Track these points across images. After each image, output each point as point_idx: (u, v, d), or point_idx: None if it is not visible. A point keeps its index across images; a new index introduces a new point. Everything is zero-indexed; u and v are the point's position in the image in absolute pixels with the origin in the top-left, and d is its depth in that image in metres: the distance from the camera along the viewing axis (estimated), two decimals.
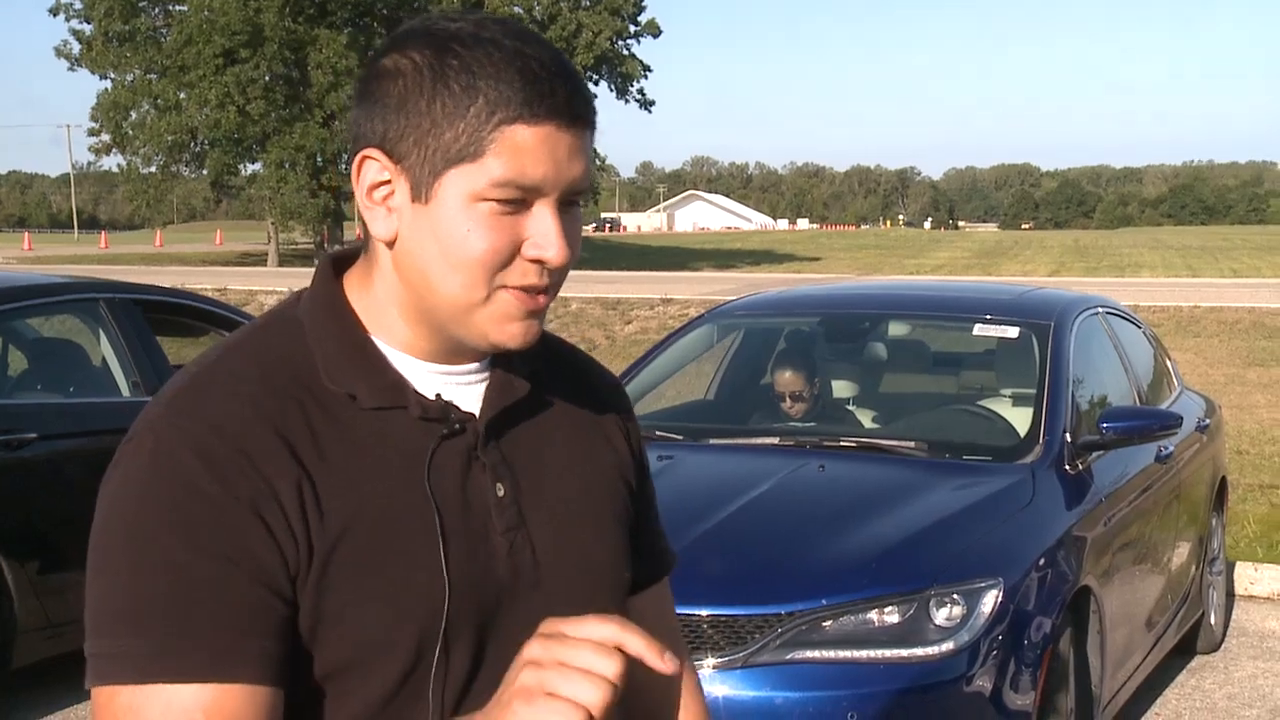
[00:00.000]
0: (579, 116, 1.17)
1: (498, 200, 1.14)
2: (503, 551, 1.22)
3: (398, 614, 1.15)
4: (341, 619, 1.14)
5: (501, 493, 1.23)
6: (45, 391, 5.99)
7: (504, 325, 1.19)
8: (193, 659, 1.07)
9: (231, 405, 1.15)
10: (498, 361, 1.28)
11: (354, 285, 1.25)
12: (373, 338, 1.23)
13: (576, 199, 1.20)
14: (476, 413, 1.25)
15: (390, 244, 1.20)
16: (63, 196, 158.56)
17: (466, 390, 1.25)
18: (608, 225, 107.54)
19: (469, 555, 1.20)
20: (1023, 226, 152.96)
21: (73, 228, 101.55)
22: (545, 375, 1.32)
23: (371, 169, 1.18)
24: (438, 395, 1.22)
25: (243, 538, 1.10)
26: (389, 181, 1.18)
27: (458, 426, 1.22)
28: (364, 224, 1.21)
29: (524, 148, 1.14)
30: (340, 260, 1.28)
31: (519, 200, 1.15)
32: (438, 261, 1.16)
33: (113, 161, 42.73)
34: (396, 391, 1.21)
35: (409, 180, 1.17)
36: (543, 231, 1.16)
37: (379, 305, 1.23)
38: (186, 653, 1.07)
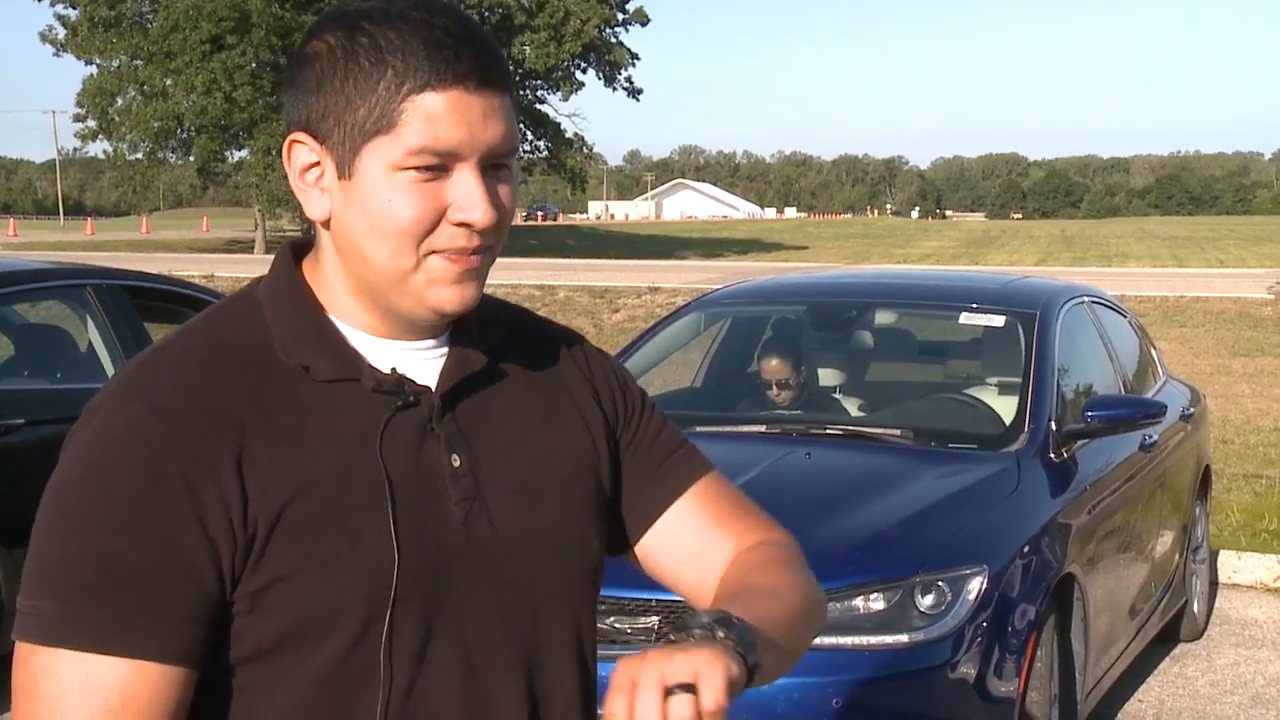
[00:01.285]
0: (489, 79, 1.20)
1: (416, 168, 1.18)
2: (457, 521, 1.24)
3: (346, 582, 1.18)
4: (289, 586, 1.16)
5: (457, 463, 1.25)
6: (32, 377, 5.98)
7: (438, 290, 1.21)
8: (99, 629, 1.11)
9: (177, 384, 1.19)
10: (457, 337, 1.30)
11: (309, 268, 1.29)
12: (330, 317, 1.26)
13: (503, 160, 1.22)
14: (434, 386, 1.27)
15: (326, 224, 1.24)
16: (48, 183, 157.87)
17: (426, 365, 1.28)
18: (539, 214, 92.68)
19: (420, 525, 1.22)
20: (1012, 216, 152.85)
21: (58, 214, 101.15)
22: (509, 349, 1.35)
23: (300, 152, 1.23)
24: (393, 369, 1.25)
25: (170, 518, 1.13)
26: (318, 163, 1.22)
27: (412, 399, 1.25)
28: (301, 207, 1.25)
29: (435, 114, 1.17)
30: (300, 246, 1.32)
31: (438, 166, 1.18)
32: (366, 234, 1.20)
33: (99, 148, 42.57)
34: (350, 364, 1.24)
35: (334, 159, 1.21)
36: (465, 194, 1.19)
37: (330, 286, 1.26)
38: (94, 622, 1.12)
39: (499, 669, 1.26)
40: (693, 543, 1.40)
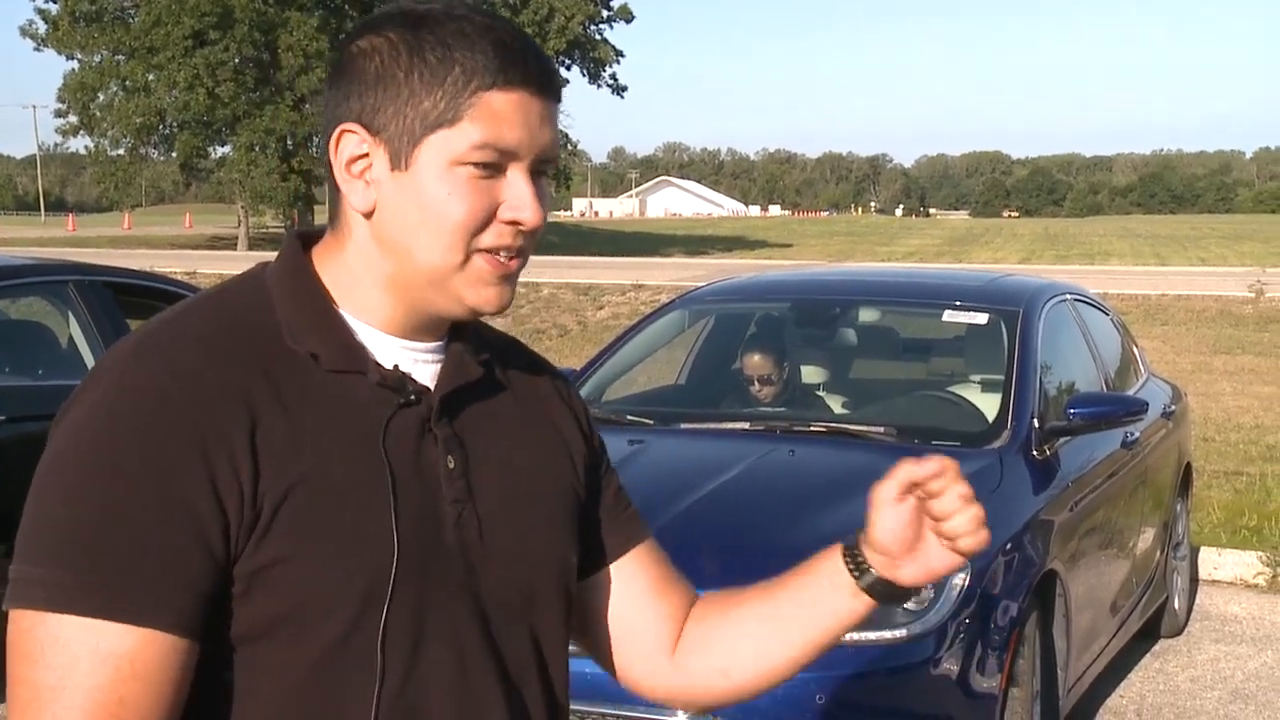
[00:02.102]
0: (548, 86, 1.24)
1: (475, 164, 1.20)
2: (450, 521, 1.25)
3: (345, 566, 1.18)
4: (288, 566, 1.16)
5: (452, 464, 1.26)
6: (13, 374, 5.95)
7: (480, 289, 1.24)
8: (111, 597, 1.10)
9: (195, 352, 1.18)
10: (454, 343, 1.32)
11: (321, 259, 1.29)
12: (337, 308, 1.26)
13: (546, 169, 1.25)
14: (432, 387, 1.28)
15: (368, 215, 1.24)
16: (29, 178, 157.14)
17: (423, 367, 1.29)
18: None
19: (419, 519, 1.23)
20: (1005, 214, 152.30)
21: (39, 210, 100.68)
22: (501, 366, 1.37)
23: (350, 142, 1.23)
24: (395, 366, 1.26)
25: (182, 485, 1.12)
26: (367, 155, 1.23)
27: (413, 397, 1.26)
28: (337, 199, 1.25)
29: (500, 112, 1.20)
30: (307, 237, 1.32)
31: (495, 165, 1.21)
32: (418, 227, 1.21)
33: (80, 143, 42.63)
34: (357, 357, 1.25)
35: (387, 150, 1.21)
36: (518, 194, 1.22)
37: (351, 277, 1.26)
38: (105, 589, 1.10)
39: (487, 670, 1.26)
40: (628, 597, 1.46)
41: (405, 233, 1.22)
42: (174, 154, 41.32)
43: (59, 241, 39.00)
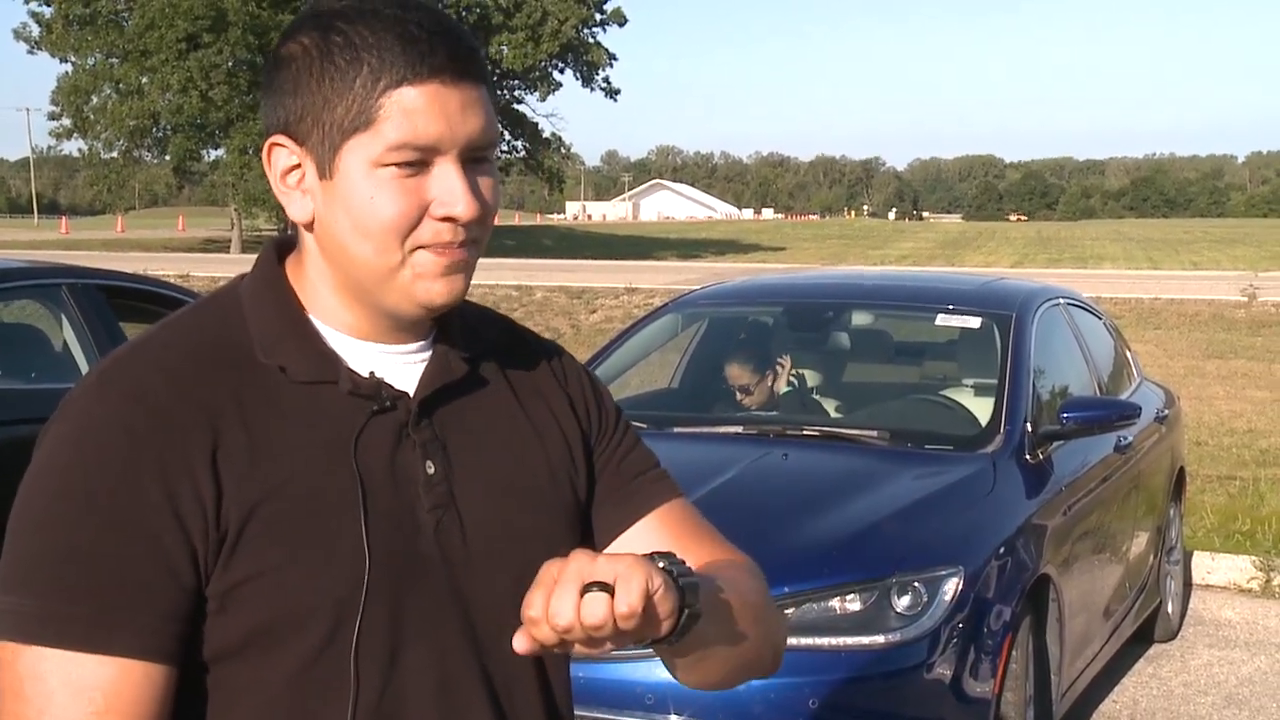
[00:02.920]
0: (465, 72, 1.19)
1: (397, 164, 1.17)
2: (429, 528, 1.24)
3: (316, 583, 1.17)
4: (259, 582, 1.16)
5: (431, 470, 1.25)
6: (6, 377, 5.94)
7: (426, 284, 1.21)
8: (79, 627, 1.10)
9: (156, 377, 1.18)
10: (440, 342, 1.30)
11: (292, 269, 1.28)
12: (311, 317, 1.25)
13: (483, 153, 1.22)
14: (412, 392, 1.26)
15: (309, 226, 1.23)
16: (22, 181, 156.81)
17: (406, 369, 1.27)
18: None
19: (392, 530, 1.21)
20: (1010, 217, 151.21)
21: (33, 213, 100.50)
22: (489, 357, 1.34)
23: (280, 155, 1.22)
24: (371, 373, 1.24)
25: (143, 514, 1.12)
26: (299, 165, 1.22)
27: (388, 403, 1.24)
28: (283, 210, 1.25)
29: (412, 109, 1.17)
30: (283, 246, 1.31)
31: (418, 162, 1.18)
32: (350, 233, 1.20)
33: (74, 146, 42.41)
34: (328, 366, 1.23)
35: (314, 159, 1.20)
36: (447, 189, 1.19)
37: (313, 287, 1.26)
38: (73, 619, 1.10)
39: (472, 680, 1.25)
40: (690, 537, 1.39)
41: (341, 239, 1.20)
42: (167, 157, 41.30)
43: (52, 244, 38.94)
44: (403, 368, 1.27)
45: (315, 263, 1.25)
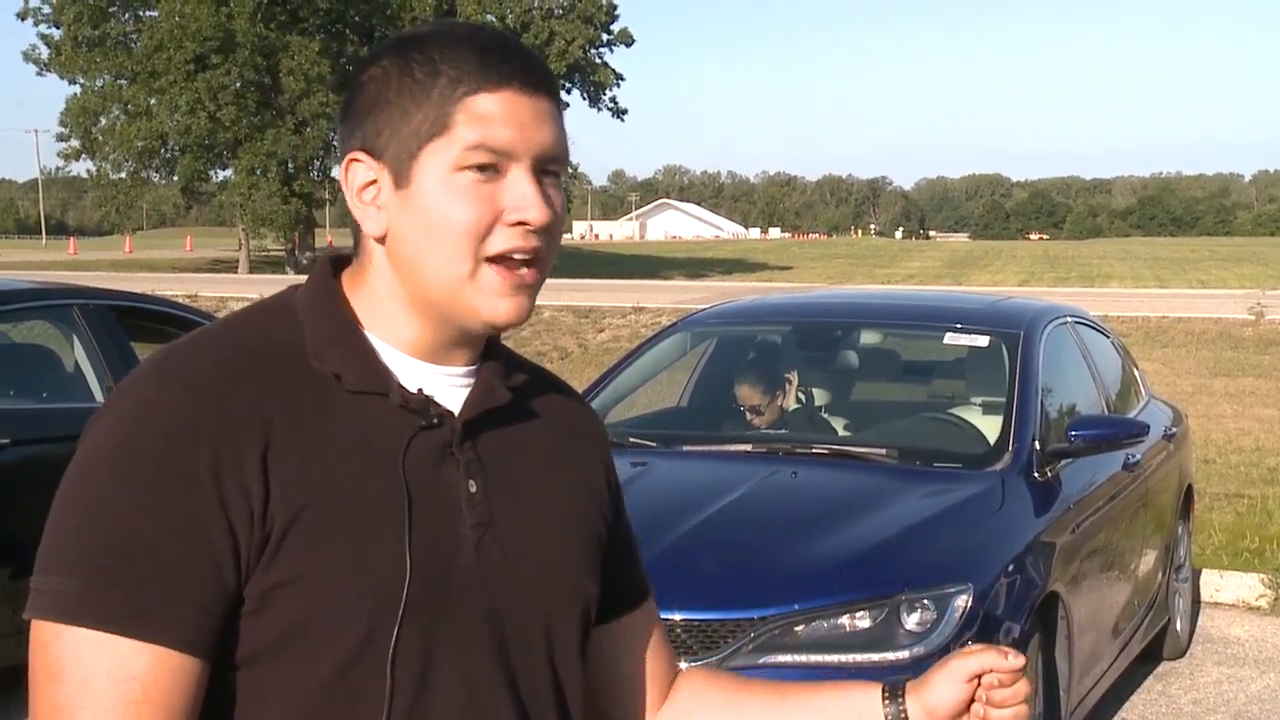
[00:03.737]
0: (537, 82, 1.24)
1: (471, 168, 1.21)
2: (470, 545, 1.25)
3: (356, 586, 1.18)
4: (299, 584, 1.17)
5: (474, 489, 1.26)
6: (18, 397, 5.97)
7: (493, 301, 1.23)
8: (120, 610, 1.11)
9: (212, 371, 1.19)
10: (485, 368, 1.32)
11: (349, 284, 1.30)
12: (365, 331, 1.28)
13: (553, 169, 1.25)
14: (457, 412, 1.28)
15: (382, 240, 1.26)
16: (31, 202, 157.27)
17: (451, 391, 1.29)
18: None
19: (434, 544, 1.23)
20: (1031, 236, 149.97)
21: (41, 234, 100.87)
22: (531, 393, 1.37)
23: (358, 171, 1.25)
24: (419, 389, 1.26)
25: (193, 506, 1.14)
26: (375, 181, 1.25)
27: (436, 420, 1.26)
28: (357, 226, 1.28)
29: (488, 114, 1.21)
30: (338, 261, 1.34)
31: (492, 166, 1.21)
32: (424, 240, 1.22)
33: (82, 167, 42.48)
34: (380, 378, 1.25)
35: (391, 171, 1.23)
36: (519, 193, 1.22)
37: (376, 301, 1.28)
38: (114, 603, 1.11)
39: (499, 698, 1.26)
40: (627, 658, 1.47)
41: (414, 249, 1.23)
42: (175, 177, 41.43)
43: (60, 265, 39.04)
44: (448, 389, 1.28)
45: (383, 277, 1.27)
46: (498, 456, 1.30)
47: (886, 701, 1.39)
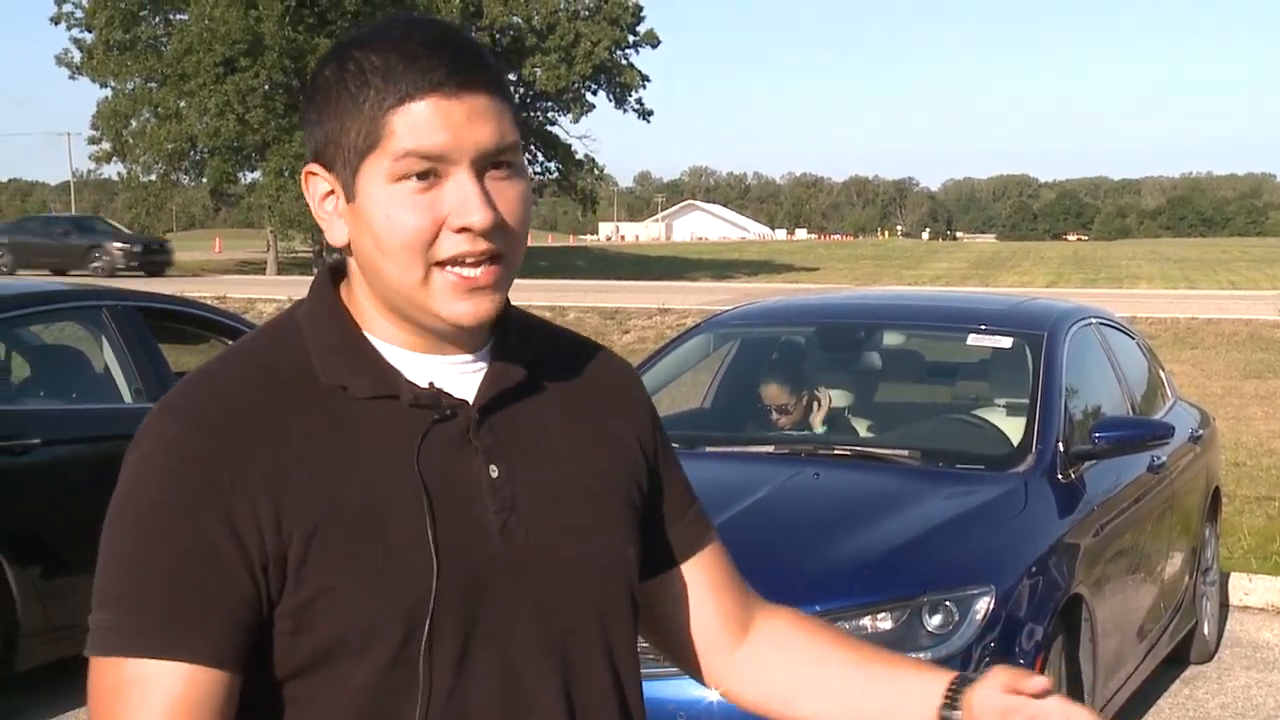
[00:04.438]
0: (467, 82, 1.22)
1: (408, 177, 1.21)
2: (495, 532, 1.26)
3: (386, 594, 1.20)
4: (331, 597, 1.19)
5: (495, 474, 1.27)
6: (48, 398, 6.04)
7: (449, 304, 1.24)
8: (145, 637, 1.16)
9: (215, 404, 1.23)
10: (498, 350, 1.33)
11: (346, 291, 1.32)
12: (367, 335, 1.29)
13: (501, 160, 1.24)
14: (472, 398, 1.29)
15: (346, 249, 1.28)
16: (63, 204, 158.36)
17: (464, 379, 1.30)
18: None
19: (459, 536, 1.24)
20: (1068, 237, 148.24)
21: None
22: (548, 363, 1.37)
23: (316, 182, 1.28)
24: (430, 383, 1.27)
25: (204, 533, 1.18)
26: (332, 191, 1.26)
27: (449, 412, 1.27)
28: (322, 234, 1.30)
29: (415, 123, 1.21)
30: (337, 269, 1.35)
31: (430, 172, 1.21)
32: (375, 253, 1.24)
33: (113, 170, 42.87)
34: (388, 381, 1.27)
35: (340, 184, 1.25)
36: (460, 199, 1.21)
37: (363, 306, 1.30)
38: (142, 631, 1.17)
39: (537, 678, 1.27)
40: (695, 602, 1.47)
41: (371, 259, 1.24)
42: (204, 180, 41.73)
43: None
44: (460, 377, 1.29)
45: (360, 284, 1.29)
46: (519, 437, 1.30)
47: (948, 691, 1.40)
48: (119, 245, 34.40)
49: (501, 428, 1.29)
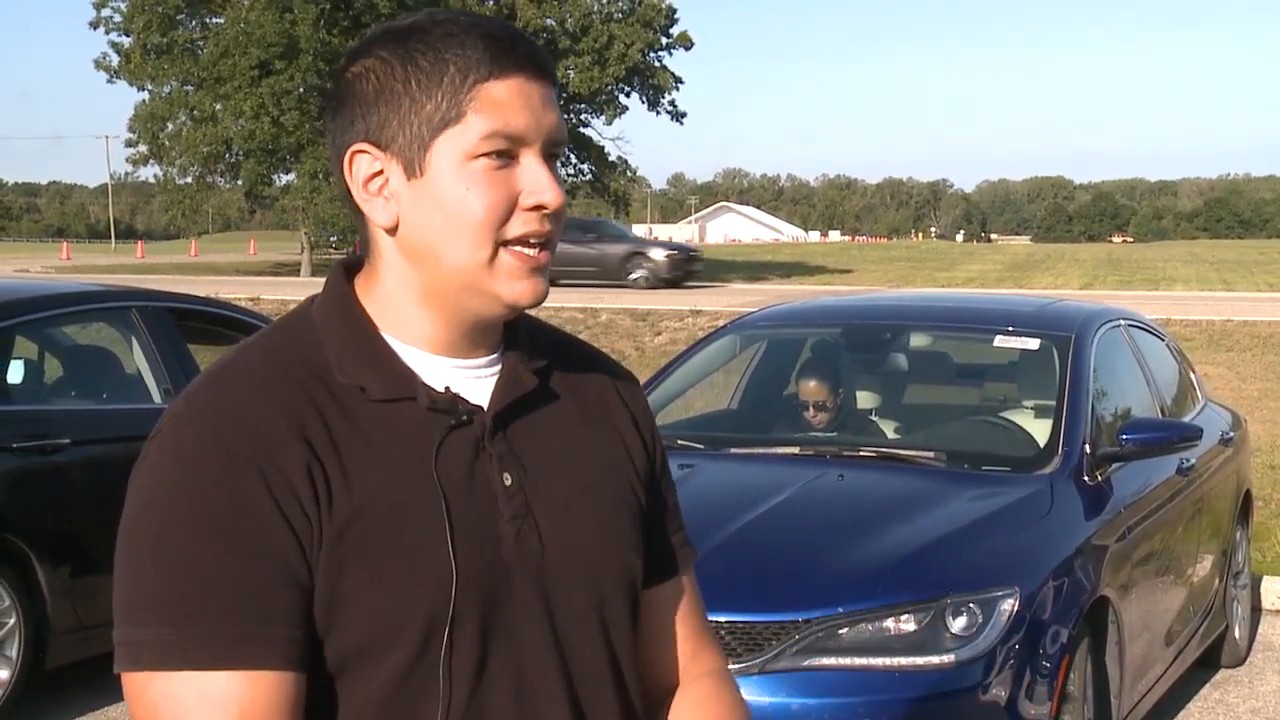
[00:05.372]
0: (543, 69, 1.25)
1: (487, 155, 1.22)
2: (510, 538, 1.26)
3: (406, 597, 1.19)
4: (351, 604, 1.18)
5: (509, 481, 1.27)
6: (79, 398, 6.10)
7: (513, 283, 1.24)
8: (215, 647, 1.13)
9: (246, 397, 1.21)
10: (508, 356, 1.33)
11: (363, 287, 1.31)
12: (384, 334, 1.28)
13: (556, 152, 1.27)
14: (485, 405, 1.29)
15: (392, 231, 1.26)
16: (101, 207, 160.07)
17: (477, 384, 1.30)
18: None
19: (475, 541, 1.24)
20: (1113, 239, 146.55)
21: (110, 238, 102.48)
22: (556, 370, 1.37)
23: (363, 162, 1.25)
24: (446, 388, 1.27)
25: (261, 528, 1.15)
26: (381, 172, 1.25)
27: (465, 418, 1.27)
28: (363, 223, 1.28)
29: (501, 101, 1.22)
30: (350, 266, 1.34)
31: (507, 153, 1.22)
32: (443, 229, 1.23)
33: (149, 172, 43.12)
34: (405, 383, 1.26)
35: (400, 162, 1.24)
36: (535, 179, 1.24)
37: (390, 299, 1.28)
38: (208, 641, 1.13)
39: (549, 684, 1.27)
40: (661, 626, 1.45)
41: (431, 238, 1.23)
42: (239, 182, 41.95)
43: (128, 268, 39.66)
44: (474, 382, 1.29)
45: (396, 272, 1.27)
46: (531, 444, 1.31)
47: None
48: (665, 252, 29.11)
49: (514, 434, 1.30)
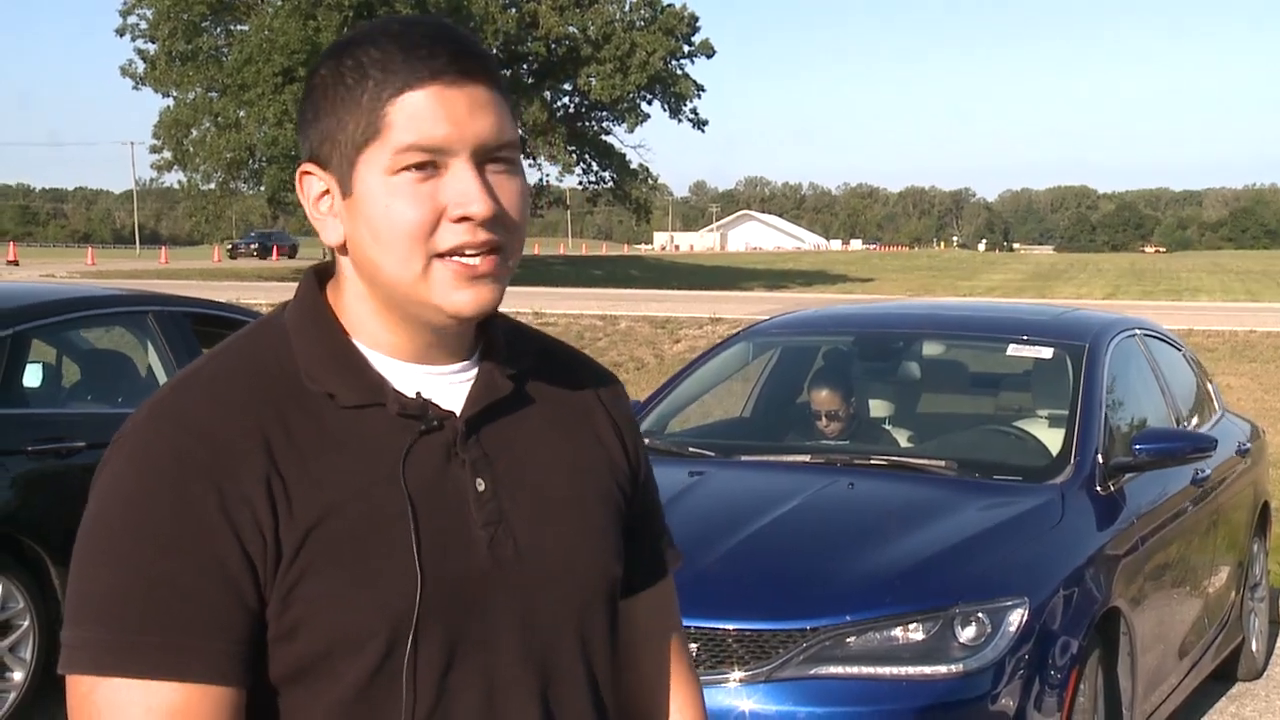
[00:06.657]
0: (467, 72, 1.21)
1: (407, 169, 1.20)
2: (482, 545, 1.25)
3: (370, 605, 1.19)
4: (315, 610, 1.18)
5: (482, 487, 1.26)
6: (95, 401, 6.13)
7: (450, 294, 1.22)
8: (152, 656, 1.13)
9: (207, 407, 1.20)
10: (485, 360, 1.31)
11: (333, 294, 1.31)
12: (355, 341, 1.27)
13: (500, 154, 1.23)
14: (459, 410, 1.28)
15: (343, 249, 1.26)
16: (126, 212, 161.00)
17: (451, 390, 1.29)
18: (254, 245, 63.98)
19: (444, 549, 1.22)
20: (1145, 249, 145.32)
21: (135, 243, 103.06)
22: (536, 375, 1.36)
23: (311, 182, 1.26)
24: (418, 393, 1.26)
25: (208, 541, 1.15)
26: (327, 191, 1.25)
27: (436, 423, 1.25)
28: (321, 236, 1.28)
29: (417, 112, 1.19)
30: (323, 272, 1.34)
31: (430, 164, 1.20)
32: (373, 246, 1.22)
33: (174, 178, 43.38)
34: (375, 389, 1.25)
35: (337, 181, 1.24)
36: (460, 189, 1.20)
37: (354, 310, 1.28)
38: (146, 650, 1.13)
39: (520, 693, 1.26)
40: (639, 635, 1.44)
41: (368, 254, 1.22)
42: (262, 188, 42.15)
43: (151, 274, 39.85)
44: (448, 388, 1.28)
45: (353, 286, 1.27)
46: (506, 449, 1.29)
47: None
48: None
49: (489, 439, 1.28)
